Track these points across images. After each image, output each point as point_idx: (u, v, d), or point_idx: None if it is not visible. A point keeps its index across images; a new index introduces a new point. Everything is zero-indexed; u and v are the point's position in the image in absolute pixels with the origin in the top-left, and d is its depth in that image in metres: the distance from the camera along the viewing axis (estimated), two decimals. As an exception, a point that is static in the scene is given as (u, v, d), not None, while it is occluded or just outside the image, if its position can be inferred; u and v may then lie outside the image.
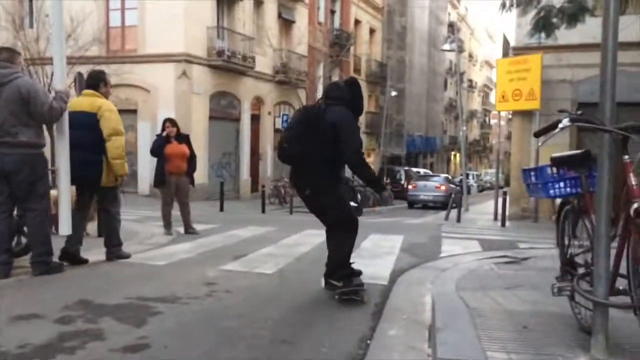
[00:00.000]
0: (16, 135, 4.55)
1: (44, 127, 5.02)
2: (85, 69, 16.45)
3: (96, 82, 5.69)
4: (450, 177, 30.42)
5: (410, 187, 24.88)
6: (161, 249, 6.78)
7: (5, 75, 4.60)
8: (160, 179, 8.34)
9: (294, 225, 10.19)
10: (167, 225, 8.33)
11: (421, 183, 25.12)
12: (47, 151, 5.14)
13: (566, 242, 3.47)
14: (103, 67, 19.53)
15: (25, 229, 5.48)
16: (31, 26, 19.28)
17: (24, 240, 5.59)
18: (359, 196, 18.81)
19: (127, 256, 5.89)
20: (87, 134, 5.31)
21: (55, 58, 5.19)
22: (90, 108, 5.44)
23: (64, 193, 5.13)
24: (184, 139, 8.65)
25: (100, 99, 5.58)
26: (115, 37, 19.91)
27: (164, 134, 8.45)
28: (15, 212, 5.49)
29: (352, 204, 7.78)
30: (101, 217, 6.52)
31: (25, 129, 4.61)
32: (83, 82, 16.47)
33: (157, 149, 8.31)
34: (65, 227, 5.12)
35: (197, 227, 8.79)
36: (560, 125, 2.76)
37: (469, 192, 23.20)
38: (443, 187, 24.09)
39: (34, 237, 4.91)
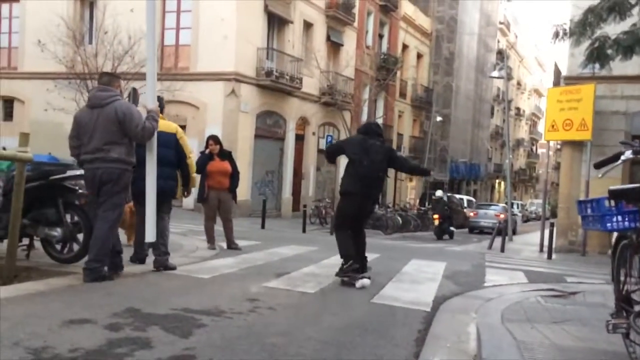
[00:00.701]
0: (108, 152, 5.02)
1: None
2: (139, 85, 17.11)
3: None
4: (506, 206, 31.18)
5: (472, 214, 26.78)
6: (205, 262, 6.88)
7: (104, 97, 5.11)
8: (201, 194, 8.51)
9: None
10: (210, 239, 8.46)
11: (482, 211, 27.89)
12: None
13: (622, 277, 3.36)
14: (156, 84, 20.14)
15: (79, 236, 5.69)
16: (90, 42, 20.13)
17: (76, 247, 5.78)
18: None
19: (173, 267, 6.02)
20: (169, 152, 5.96)
21: (149, 77, 5.81)
22: (167, 129, 6.09)
23: (150, 204, 5.47)
24: (227, 155, 8.81)
25: (172, 123, 6.42)
26: (169, 55, 20.55)
27: (207, 151, 8.62)
28: (70, 220, 5.71)
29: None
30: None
31: (116, 146, 5.05)
32: (138, 96, 17.09)
33: (200, 166, 8.42)
34: (150, 235, 5.56)
35: (239, 242, 8.89)
36: (622, 157, 2.70)
37: (515, 223, 22.58)
38: (502, 215, 25.00)
39: (97, 242, 5.05)
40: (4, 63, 23.00)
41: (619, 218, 3.15)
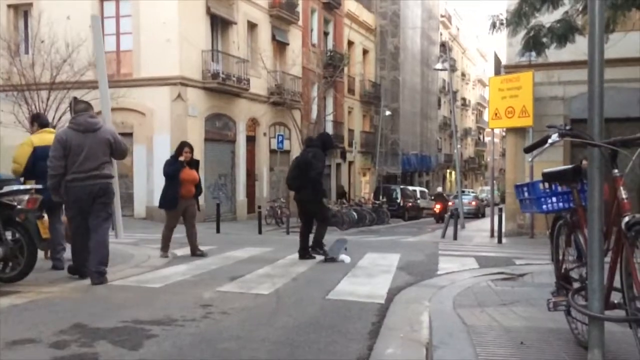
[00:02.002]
0: (103, 170, 5.76)
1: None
2: (80, 94, 16.61)
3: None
4: (478, 195, 39.82)
5: (450, 203, 29.18)
6: (157, 271, 6.75)
7: (96, 123, 5.82)
8: (172, 202, 8.30)
9: (291, 246, 10.16)
10: (165, 247, 8.30)
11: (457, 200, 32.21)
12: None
13: (561, 257, 3.49)
14: (98, 91, 19.59)
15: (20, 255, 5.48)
16: (26, 52, 19.41)
17: (18, 265, 5.56)
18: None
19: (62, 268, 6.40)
20: None
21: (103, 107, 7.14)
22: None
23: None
24: (195, 164, 8.66)
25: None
26: (110, 61, 19.95)
27: (182, 159, 8.38)
28: (10, 237, 5.49)
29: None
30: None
31: (108, 165, 5.89)
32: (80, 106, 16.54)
33: (174, 172, 8.25)
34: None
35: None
36: (549, 141, 2.80)
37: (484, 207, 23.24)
38: (474, 203, 33.48)
39: (102, 247, 5.67)
40: None
41: (554, 199, 3.27)
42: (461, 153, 51.03)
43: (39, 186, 5.83)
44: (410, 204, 30.72)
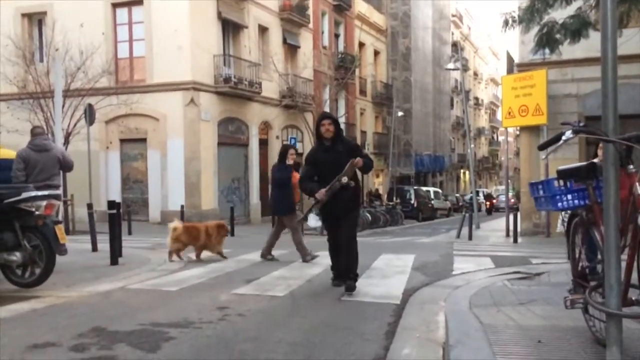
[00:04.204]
0: (53, 180, 7.08)
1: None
2: (95, 100, 16.80)
3: None
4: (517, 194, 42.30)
5: (494, 200, 36.34)
6: (173, 275, 6.80)
7: (49, 144, 7.36)
8: (291, 207, 8.19)
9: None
10: (307, 251, 8.09)
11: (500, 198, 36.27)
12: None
13: (577, 254, 3.47)
14: (112, 98, 19.81)
15: (39, 260, 5.55)
16: (41, 60, 19.65)
17: (37, 270, 5.64)
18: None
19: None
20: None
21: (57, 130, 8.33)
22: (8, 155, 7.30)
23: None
24: (297, 167, 8.40)
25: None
26: (124, 68, 20.22)
27: (291, 162, 8.16)
28: (28, 243, 5.57)
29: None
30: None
31: (57, 177, 7.31)
32: (94, 113, 16.67)
33: (288, 179, 8.06)
34: None
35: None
36: (563, 137, 2.78)
37: (479, 209, 23.19)
38: (512, 200, 34.08)
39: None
40: (-48, 87, 22.26)
41: (569, 197, 3.25)
42: (475, 153, 50.79)
43: (58, 192, 5.98)
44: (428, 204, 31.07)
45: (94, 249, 9.10)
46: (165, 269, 7.34)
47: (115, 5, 20.13)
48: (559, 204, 3.29)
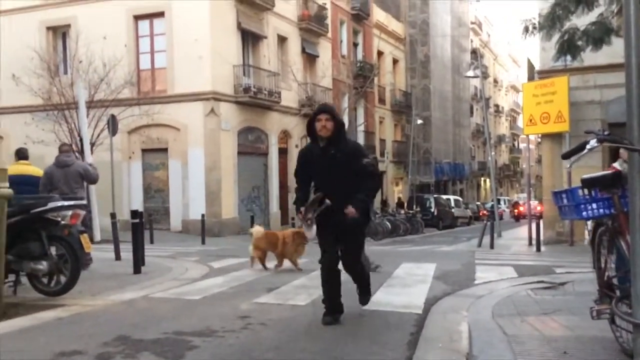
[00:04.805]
0: (76, 193, 7.63)
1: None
2: (117, 111, 17.07)
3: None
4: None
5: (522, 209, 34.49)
6: (195, 283, 6.85)
7: (71, 160, 8.08)
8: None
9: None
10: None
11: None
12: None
13: (603, 264, 3.42)
14: (134, 108, 20.06)
15: (65, 269, 5.65)
16: (65, 72, 20.03)
17: (63, 279, 5.73)
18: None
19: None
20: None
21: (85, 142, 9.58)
22: (36, 173, 7.90)
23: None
24: None
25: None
26: (146, 79, 20.52)
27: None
28: (54, 252, 5.67)
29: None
30: None
31: (80, 190, 7.95)
32: (116, 123, 16.93)
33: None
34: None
35: (232, 261, 8.84)
36: (587, 146, 2.76)
37: (501, 218, 22.97)
38: (539, 208, 34.29)
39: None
40: (-21, 99, 22.81)
41: (594, 206, 3.21)
42: (495, 160, 50.33)
43: (84, 202, 6.09)
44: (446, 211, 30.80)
45: (117, 257, 9.23)
46: (187, 277, 7.40)
47: (137, 18, 20.47)
48: (584, 213, 3.26)
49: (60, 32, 21.91)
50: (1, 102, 21.83)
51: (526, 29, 11.55)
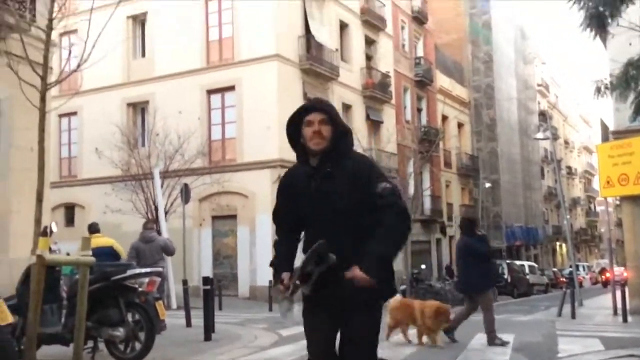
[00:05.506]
0: (157, 264, 8.42)
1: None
2: (190, 180, 17.77)
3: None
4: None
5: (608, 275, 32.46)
6: (264, 352, 6.80)
7: (154, 236, 9.44)
8: (489, 283, 7.65)
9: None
10: (494, 331, 7.34)
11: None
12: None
13: None
14: (206, 177, 20.77)
15: (140, 336, 5.76)
16: (143, 145, 21.22)
17: (138, 346, 5.83)
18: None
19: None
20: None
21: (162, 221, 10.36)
22: (107, 243, 8.86)
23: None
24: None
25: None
26: (217, 148, 21.39)
27: (481, 233, 7.70)
28: (131, 319, 5.82)
29: None
30: None
31: (161, 261, 9.22)
32: (189, 192, 17.58)
33: (488, 251, 7.59)
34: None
35: (301, 328, 8.73)
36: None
37: (580, 285, 21.68)
38: (625, 274, 32.43)
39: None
40: (65, 172, 24.42)
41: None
42: (571, 224, 48.14)
43: (160, 269, 6.35)
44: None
45: (189, 324, 9.32)
46: (257, 345, 7.36)
47: (210, 92, 21.62)
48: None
49: (139, 108, 23.40)
50: (84, 174, 23.31)
51: (598, 90, 11.26)
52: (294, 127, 3.01)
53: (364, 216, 2.76)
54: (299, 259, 2.81)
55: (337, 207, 2.78)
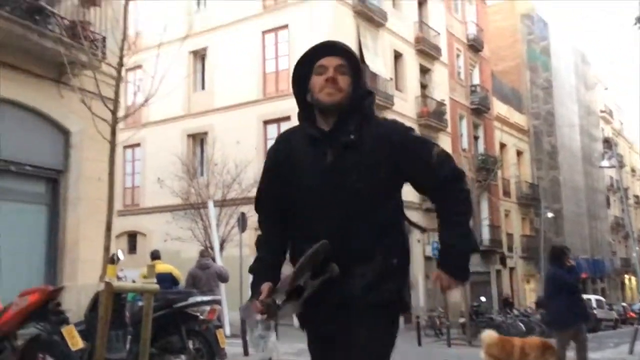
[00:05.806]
0: (214, 291, 8.97)
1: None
2: (247, 209, 18.02)
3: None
4: None
5: None
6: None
7: (210, 263, 9.67)
8: (586, 316, 7.20)
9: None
10: None
11: None
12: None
13: None
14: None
15: None
16: (202, 174, 21.78)
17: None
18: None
19: None
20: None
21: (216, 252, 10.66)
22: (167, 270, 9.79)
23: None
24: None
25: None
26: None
27: (571, 264, 7.14)
28: (192, 346, 5.89)
29: None
30: None
31: (217, 288, 9.50)
32: (246, 220, 17.84)
33: (578, 283, 7.23)
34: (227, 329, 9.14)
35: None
36: None
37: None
38: None
39: None
40: (128, 201, 25.35)
41: None
42: (640, 256, 45.59)
43: (219, 298, 6.44)
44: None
45: (246, 353, 9.36)
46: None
47: (266, 122, 22.08)
48: None
49: (199, 139, 24.13)
50: (146, 202, 24.12)
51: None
52: (298, 74, 2.21)
53: (389, 200, 2.16)
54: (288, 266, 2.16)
55: (357, 187, 2.07)
